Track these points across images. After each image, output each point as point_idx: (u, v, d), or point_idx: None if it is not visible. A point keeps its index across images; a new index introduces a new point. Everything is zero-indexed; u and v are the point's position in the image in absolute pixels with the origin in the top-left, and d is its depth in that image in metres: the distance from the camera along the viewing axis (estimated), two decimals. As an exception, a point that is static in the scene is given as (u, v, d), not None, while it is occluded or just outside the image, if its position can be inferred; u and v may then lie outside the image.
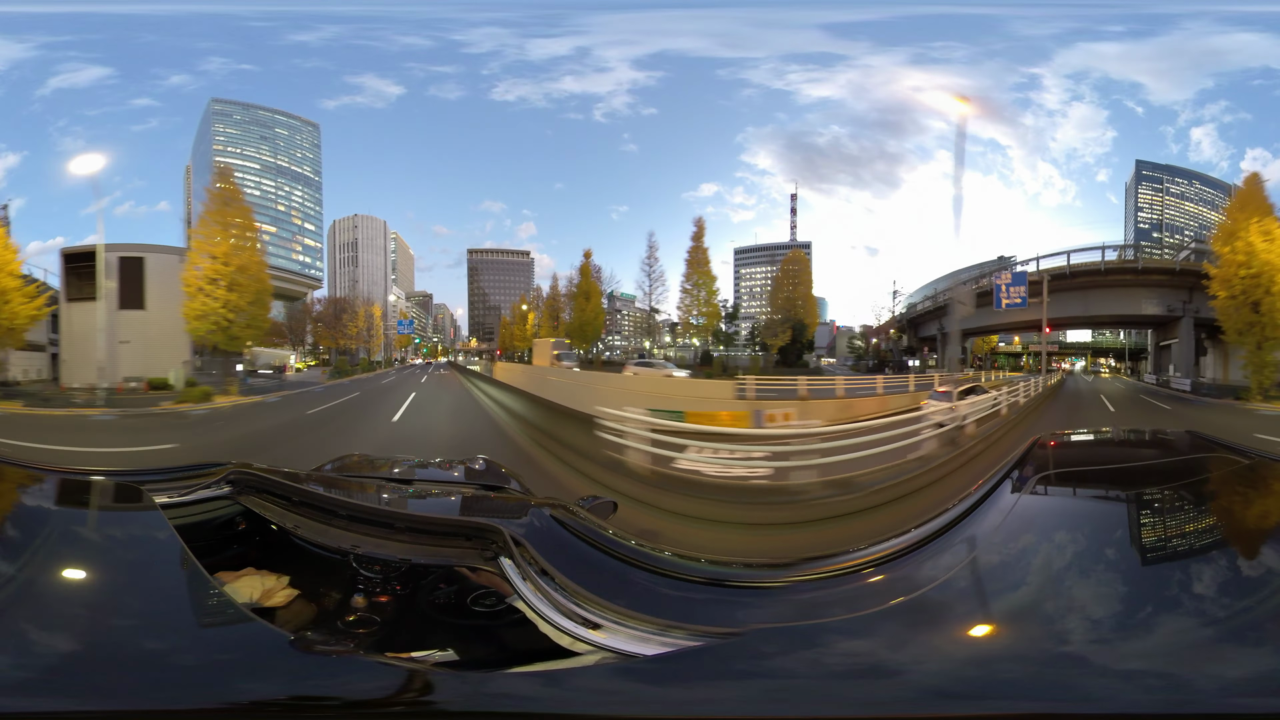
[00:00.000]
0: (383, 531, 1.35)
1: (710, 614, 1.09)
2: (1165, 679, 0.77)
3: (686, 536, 5.69)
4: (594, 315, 57.68)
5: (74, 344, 29.26)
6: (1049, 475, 1.61)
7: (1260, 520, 1.28)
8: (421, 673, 0.91)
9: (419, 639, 1.18)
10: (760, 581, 1.28)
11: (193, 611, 1.03)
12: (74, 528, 1.31)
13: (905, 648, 0.91)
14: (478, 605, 1.23)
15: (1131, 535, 1.20)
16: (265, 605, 1.27)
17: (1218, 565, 1.04)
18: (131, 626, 0.94)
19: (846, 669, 0.91)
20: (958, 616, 0.98)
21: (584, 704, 0.85)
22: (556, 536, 1.33)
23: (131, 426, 16.26)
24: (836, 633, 0.99)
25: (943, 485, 7.35)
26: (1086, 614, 0.91)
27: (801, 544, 5.54)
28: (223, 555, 1.43)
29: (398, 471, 2.59)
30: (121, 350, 28.69)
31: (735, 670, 0.89)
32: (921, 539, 1.24)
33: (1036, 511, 1.35)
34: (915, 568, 1.14)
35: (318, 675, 0.88)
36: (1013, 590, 1.03)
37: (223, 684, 0.84)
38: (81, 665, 0.83)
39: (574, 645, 0.98)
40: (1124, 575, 1.03)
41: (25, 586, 1.00)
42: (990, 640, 0.90)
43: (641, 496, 6.54)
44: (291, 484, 1.55)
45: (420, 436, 13.81)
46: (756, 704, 0.81)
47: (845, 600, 1.11)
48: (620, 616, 1.01)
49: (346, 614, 1.25)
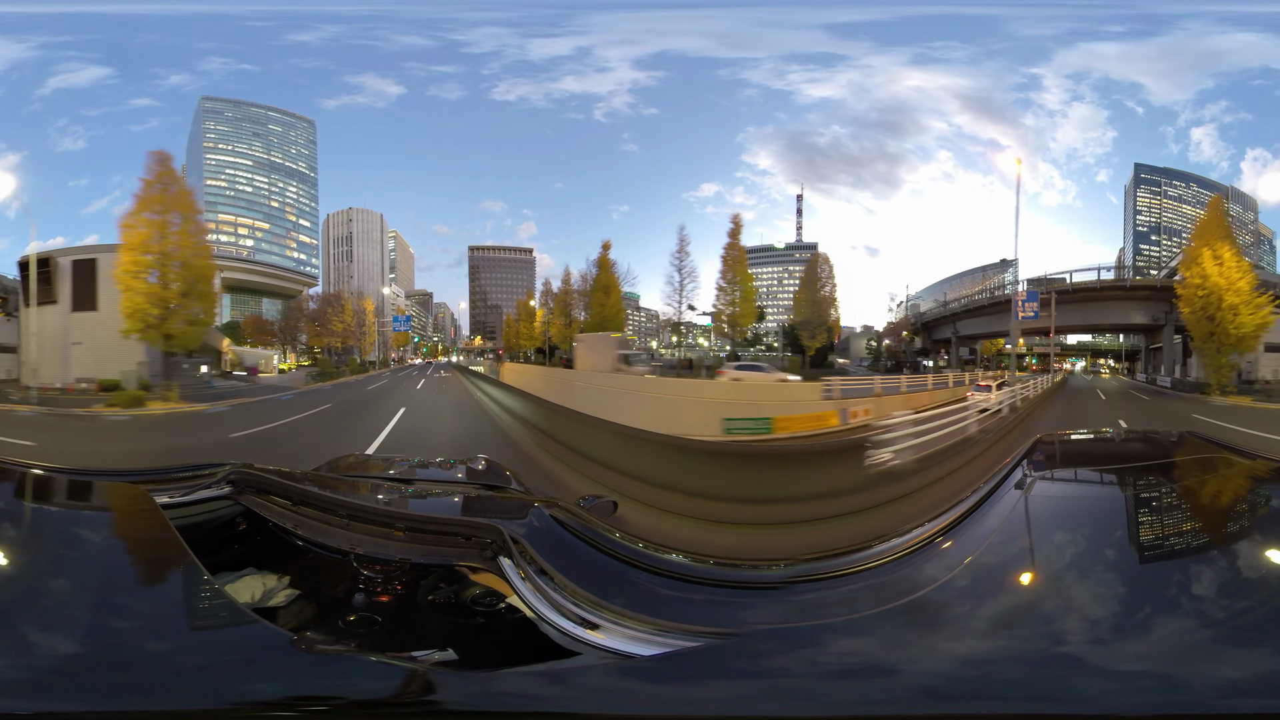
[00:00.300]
0: (383, 531, 1.36)
1: (709, 614, 1.09)
2: (1162, 679, 0.77)
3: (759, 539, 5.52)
4: (615, 311, 53.15)
5: (29, 346, 29.71)
6: (1049, 476, 1.62)
7: (1260, 521, 1.27)
8: (422, 672, 0.91)
9: (418, 639, 1.19)
10: (760, 582, 1.28)
11: (194, 612, 1.03)
12: (75, 528, 1.31)
13: (903, 648, 0.92)
14: (477, 605, 1.23)
15: (1131, 536, 1.20)
16: (266, 605, 1.28)
17: (1217, 566, 1.04)
18: (133, 627, 0.95)
19: (844, 669, 0.91)
20: (957, 617, 0.98)
21: (580, 703, 0.86)
22: (556, 536, 1.33)
23: (35, 424, 16.58)
24: (835, 633, 1.00)
25: (995, 449, 9.24)
26: (1085, 614, 0.91)
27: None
28: (223, 555, 1.42)
29: (398, 471, 2.62)
30: (77, 351, 29.66)
31: (732, 670, 0.90)
32: (923, 540, 1.24)
33: (1036, 512, 1.34)
34: (916, 569, 1.14)
35: (320, 675, 0.88)
36: (1011, 591, 1.03)
37: (225, 684, 0.84)
38: (83, 666, 0.83)
39: (572, 645, 0.98)
40: (1123, 576, 1.03)
41: (26, 587, 1.01)
42: (987, 641, 0.90)
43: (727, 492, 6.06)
44: (292, 484, 1.56)
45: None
46: (752, 704, 0.82)
47: (846, 601, 1.11)
48: (619, 617, 1.01)
49: (347, 614, 1.25)
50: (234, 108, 76.05)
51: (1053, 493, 1.49)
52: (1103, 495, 1.50)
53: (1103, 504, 1.42)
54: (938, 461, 7.71)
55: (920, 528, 1.30)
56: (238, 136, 76.14)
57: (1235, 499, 1.46)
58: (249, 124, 76.66)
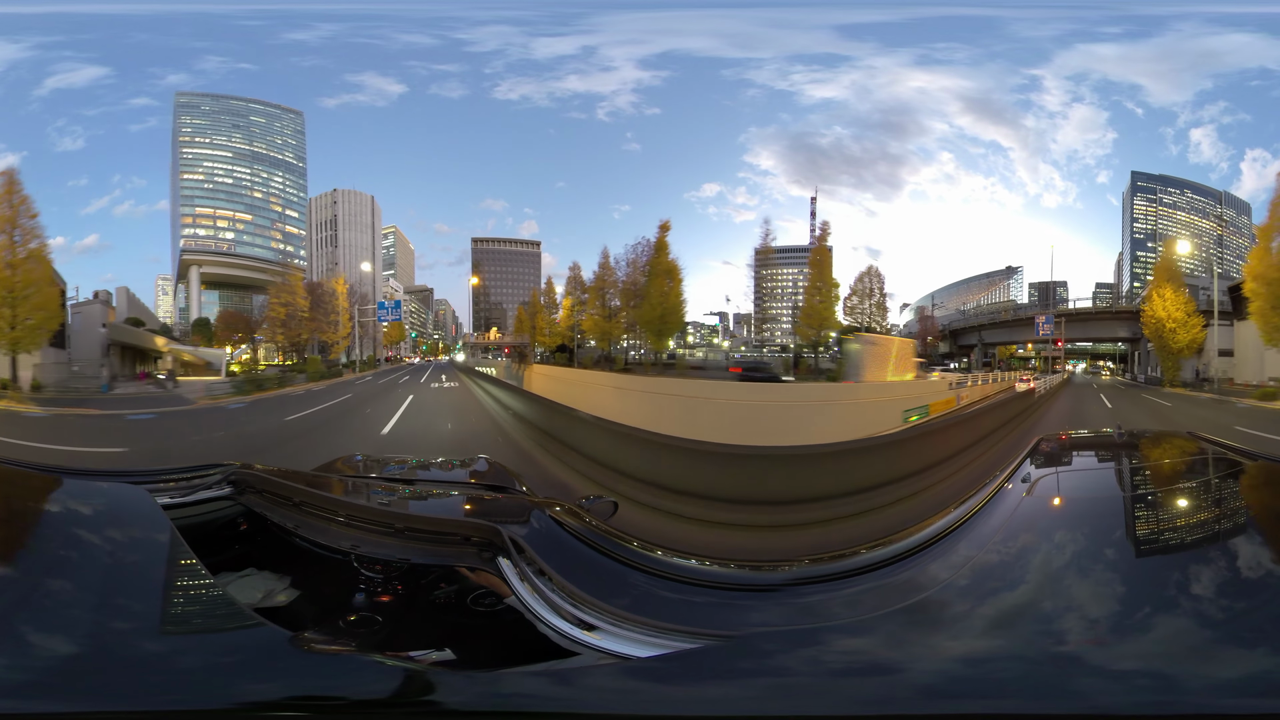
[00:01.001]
0: (383, 531, 1.36)
1: (708, 616, 1.09)
2: (1159, 679, 0.78)
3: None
4: (677, 303, 46.04)
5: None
6: (1050, 476, 1.62)
7: (1259, 522, 1.27)
8: (422, 673, 0.92)
9: (418, 639, 1.20)
10: (762, 584, 1.27)
11: (196, 613, 1.04)
12: (76, 529, 1.31)
13: (905, 648, 0.92)
14: (477, 606, 1.24)
15: (1130, 535, 1.20)
16: (267, 605, 1.29)
17: (1215, 566, 1.04)
18: (134, 628, 0.95)
19: (845, 669, 0.91)
20: (959, 617, 0.98)
21: (577, 704, 0.86)
22: (555, 538, 1.33)
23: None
24: (836, 634, 1.00)
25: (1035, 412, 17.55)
26: (1084, 614, 0.91)
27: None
28: (224, 555, 1.43)
29: (399, 471, 2.61)
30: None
31: (730, 671, 0.90)
32: (924, 541, 1.23)
33: (1037, 512, 1.34)
34: (920, 569, 1.14)
35: (321, 675, 0.89)
36: (1011, 590, 1.03)
37: (226, 685, 0.84)
38: (84, 667, 0.83)
39: (569, 646, 0.99)
40: (1122, 575, 1.03)
41: (27, 588, 1.00)
42: (988, 640, 0.90)
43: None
44: (292, 484, 1.55)
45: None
46: (748, 704, 0.82)
47: (848, 602, 1.10)
48: (617, 618, 1.01)
49: (348, 614, 1.26)
50: (211, 100, 73.65)
51: (1054, 492, 1.48)
52: (1103, 495, 1.48)
53: (1103, 504, 1.40)
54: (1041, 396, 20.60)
55: (924, 528, 1.29)
56: (216, 129, 73.55)
57: (1234, 499, 1.45)
58: (228, 116, 74.05)
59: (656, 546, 1.44)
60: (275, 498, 1.50)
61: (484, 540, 1.23)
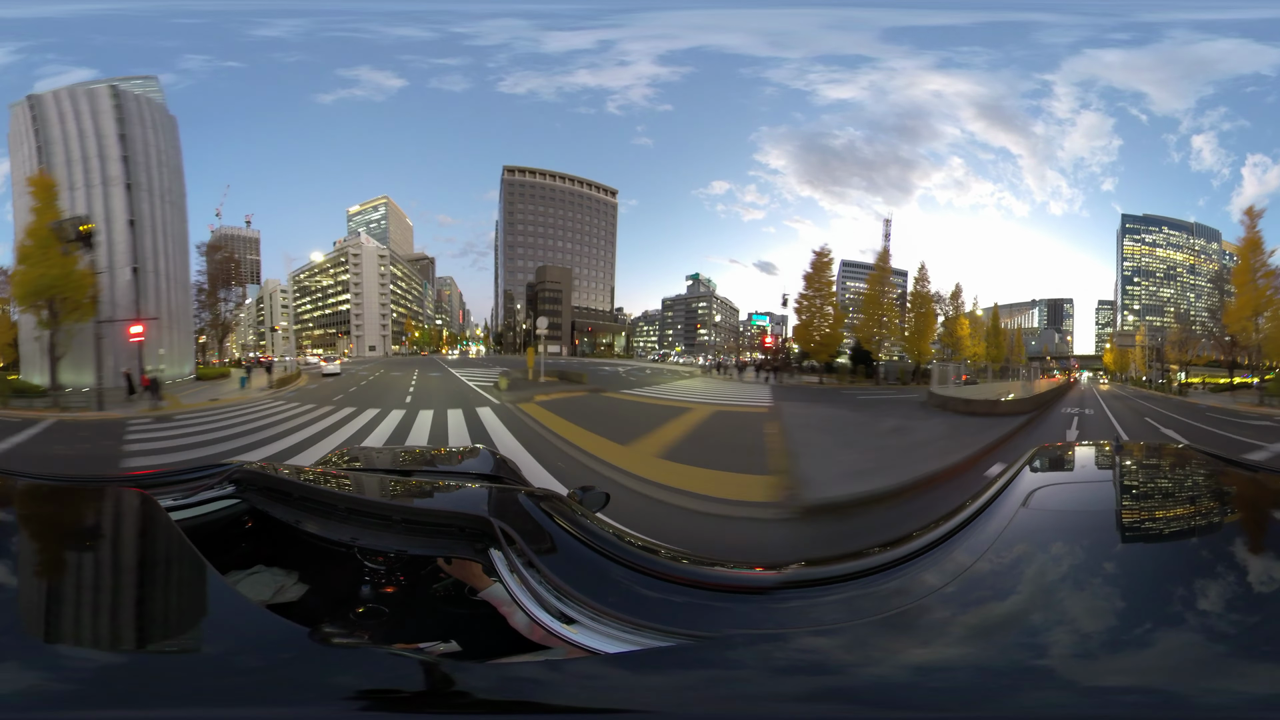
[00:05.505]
0: (380, 524, 1.37)
1: (687, 615, 1.08)
2: (1154, 694, 0.77)
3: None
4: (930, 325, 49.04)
5: None
6: (1048, 486, 1.61)
7: (1259, 536, 1.25)
8: (437, 664, 0.94)
9: (422, 629, 1.23)
10: (747, 585, 1.26)
11: (210, 612, 1.03)
12: (84, 536, 1.32)
13: (860, 653, 0.91)
14: (471, 596, 1.27)
15: (1126, 548, 1.19)
16: (279, 601, 1.33)
17: (1214, 580, 1.03)
18: (152, 631, 0.96)
19: (787, 668, 0.91)
20: (934, 625, 0.97)
21: (564, 695, 0.86)
22: (545, 529, 1.33)
23: None
24: (800, 638, 0.99)
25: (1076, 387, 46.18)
26: (1074, 627, 0.90)
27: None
28: (232, 554, 1.45)
29: (398, 463, 2.64)
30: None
31: (681, 669, 0.90)
32: (920, 548, 1.22)
33: (1034, 522, 1.33)
34: (911, 577, 1.13)
35: (344, 668, 0.90)
36: (1000, 601, 1.02)
37: (253, 682, 0.84)
38: (103, 674, 0.83)
39: (544, 639, 1.00)
40: (1118, 589, 1.02)
41: (37, 595, 1.01)
42: (957, 649, 0.90)
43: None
44: (293, 480, 1.58)
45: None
46: (702, 705, 0.82)
47: (833, 608, 1.09)
48: (596, 614, 1.02)
49: (356, 605, 1.29)
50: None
51: (1051, 503, 1.47)
52: (1100, 506, 1.48)
53: (1099, 516, 1.39)
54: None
55: (919, 535, 1.29)
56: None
57: (1232, 513, 1.44)
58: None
59: (645, 541, 1.43)
60: (277, 494, 1.52)
61: (477, 531, 1.24)
